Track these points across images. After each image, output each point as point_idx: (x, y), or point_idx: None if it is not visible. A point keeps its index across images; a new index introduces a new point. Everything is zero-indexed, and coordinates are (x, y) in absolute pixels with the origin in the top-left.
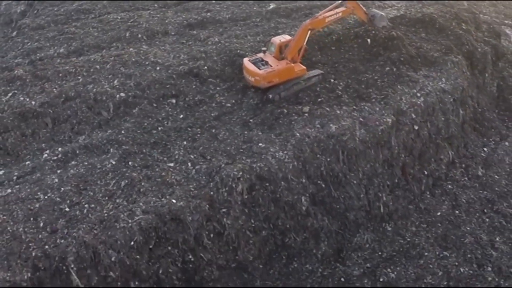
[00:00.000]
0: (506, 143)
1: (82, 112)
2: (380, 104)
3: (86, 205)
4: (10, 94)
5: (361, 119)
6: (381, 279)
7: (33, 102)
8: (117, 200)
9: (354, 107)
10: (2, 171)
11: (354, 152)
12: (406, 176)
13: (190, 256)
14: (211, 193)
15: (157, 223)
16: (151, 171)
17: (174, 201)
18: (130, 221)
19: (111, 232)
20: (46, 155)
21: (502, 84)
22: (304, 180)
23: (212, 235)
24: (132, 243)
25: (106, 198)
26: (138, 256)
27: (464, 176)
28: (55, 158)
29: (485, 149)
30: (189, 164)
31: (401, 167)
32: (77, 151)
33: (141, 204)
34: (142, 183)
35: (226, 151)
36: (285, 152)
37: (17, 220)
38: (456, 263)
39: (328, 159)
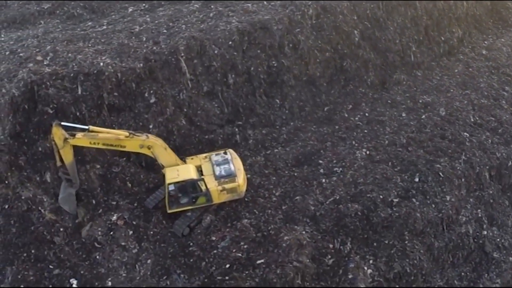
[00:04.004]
0: (502, 39)
1: None
2: None
3: (183, 26)
4: None
5: None
6: (420, 101)
7: None
8: (211, 23)
9: None
10: (90, 22)
11: (390, 4)
12: (428, 36)
13: (274, 62)
14: (289, 15)
15: (250, 29)
16: (233, 7)
17: (260, 16)
18: (228, 26)
19: (213, 33)
20: (131, 9)
21: None
22: (355, 18)
23: (290, 46)
24: (230, 42)
25: (199, 22)
26: (235, 53)
27: (471, 52)
28: (142, 9)
29: (485, 42)
30: (265, 2)
31: (424, 27)
32: (162, 2)
33: (234, 17)
34: (229, 13)
35: None
36: None
37: (121, 38)
38: (477, 98)
39: (371, 6)
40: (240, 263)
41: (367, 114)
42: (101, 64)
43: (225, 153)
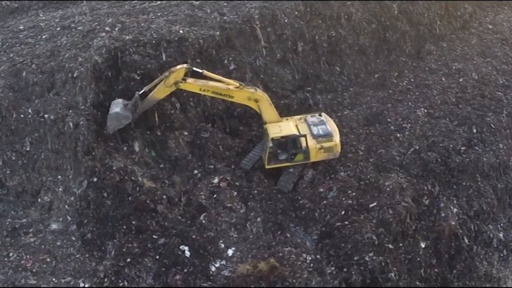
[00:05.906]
0: (501, 16)
1: None
2: None
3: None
4: None
5: None
6: (453, 68)
7: None
8: None
9: None
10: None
11: None
12: (448, 11)
13: (333, 32)
14: None
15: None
16: None
17: None
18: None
19: (280, 3)
20: None
21: None
22: None
23: (346, 17)
24: (296, 12)
25: None
26: (301, 22)
27: (480, 27)
28: None
29: (487, 18)
30: None
31: (445, 2)
32: None
33: None
34: None
35: None
36: None
37: (184, 10)
38: (498, 64)
39: None
40: (354, 208)
41: (412, 80)
42: (181, 31)
43: (320, 115)
